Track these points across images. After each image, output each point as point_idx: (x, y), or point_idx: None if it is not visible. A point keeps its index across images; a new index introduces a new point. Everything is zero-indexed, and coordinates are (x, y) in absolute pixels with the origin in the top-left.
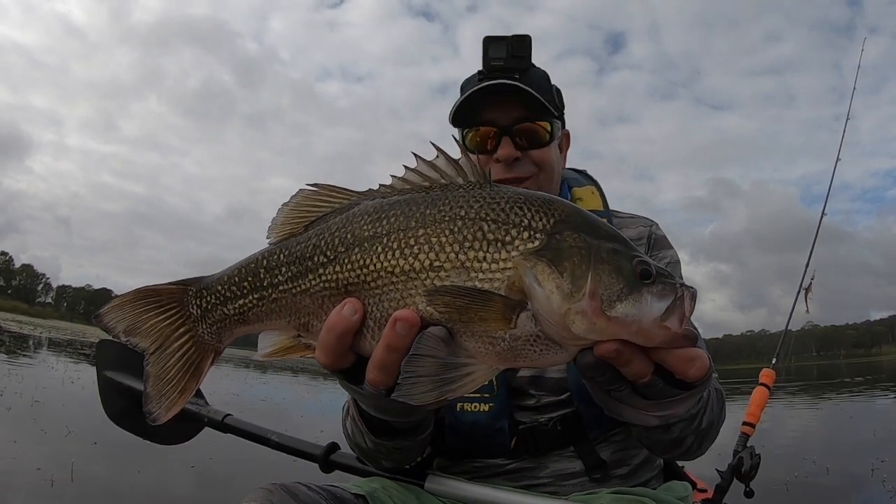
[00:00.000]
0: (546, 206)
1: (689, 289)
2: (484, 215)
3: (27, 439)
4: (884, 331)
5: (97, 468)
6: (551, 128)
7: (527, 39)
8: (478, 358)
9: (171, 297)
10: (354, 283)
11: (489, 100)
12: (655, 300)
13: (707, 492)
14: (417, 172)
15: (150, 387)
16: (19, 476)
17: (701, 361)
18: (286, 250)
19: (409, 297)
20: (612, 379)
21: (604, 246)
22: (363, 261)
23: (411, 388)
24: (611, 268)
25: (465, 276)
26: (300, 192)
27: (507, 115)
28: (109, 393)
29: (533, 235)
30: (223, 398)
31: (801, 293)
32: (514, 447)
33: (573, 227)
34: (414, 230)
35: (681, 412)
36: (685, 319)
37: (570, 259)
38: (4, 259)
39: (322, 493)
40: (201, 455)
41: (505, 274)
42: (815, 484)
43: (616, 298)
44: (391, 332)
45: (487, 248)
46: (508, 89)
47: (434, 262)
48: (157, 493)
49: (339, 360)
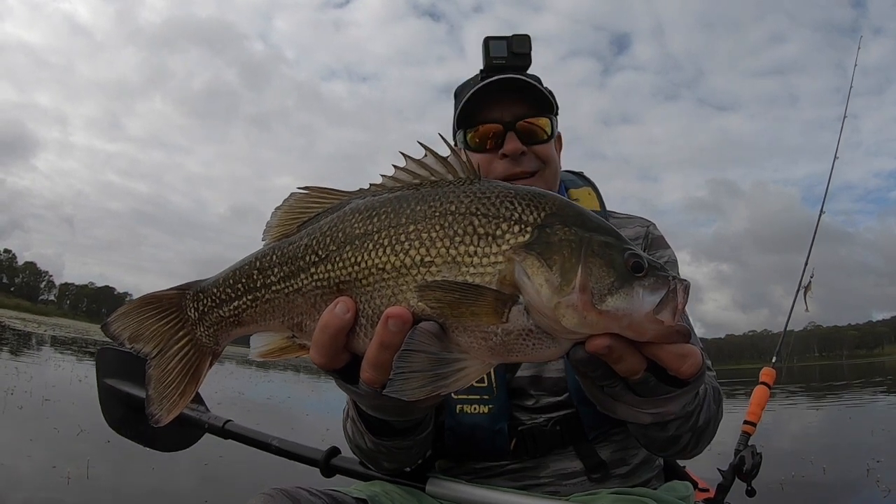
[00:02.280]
0: (537, 200)
1: (682, 282)
2: (474, 210)
3: (41, 438)
4: (886, 331)
5: (111, 466)
6: (550, 126)
7: (527, 38)
8: (470, 353)
9: (170, 303)
10: (346, 282)
11: (491, 98)
12: (647, 293)
13: (709, 491)
14: (407, 171)
15: (151, 390)
16: (36, 474)
17: (694, 358)
18: (278, 251)
19: (400, 294)
20: (605, 375)
21: (595, 239)
22: (354, 258)
23: (403, 383)
24: (602, 261)
25: (456, 271)
26: (292, 195)
27: (509, 112)
28: (110, 401)
29: (523, 229)
30: (228, 396)
31: (800, 292)
32: (514, 448)
33: (564, 221)
34: (404, 226)
35: (674, 410)
36: (678, 312)
37: (560, 252)
38: (8, 257)
39: (323, 497)
40: (211, 454)
41: (496, 268)
42: (811, 483)
43: (607, 292)
44: (384, 329)
45: (478, 243)
46: (513, 86)
47: (425, 258)
48: (170, 490)
49: (334, 360)
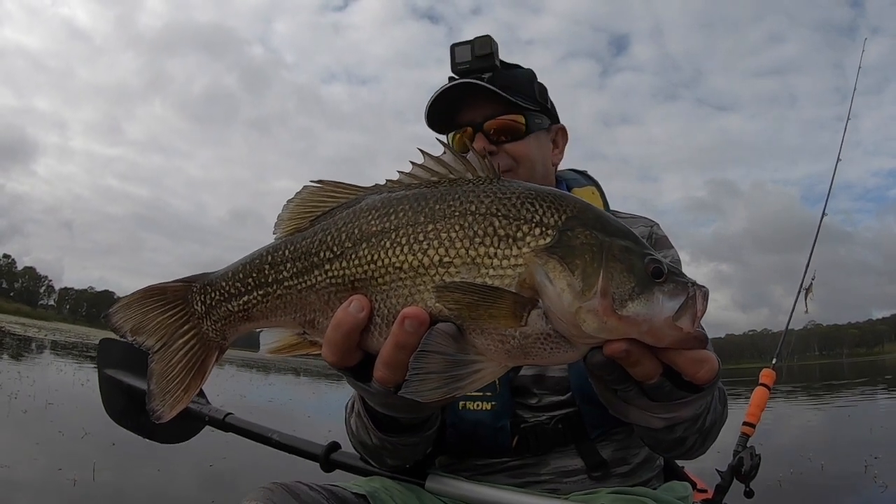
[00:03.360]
0: (558, 202)
1: (700, 288)
2: (495, 210)
3: (46, 441)
4: (886, 329)
5: (117, 468)
6: (526, 121)
7: (488, 39)
8: (487, 355)
9: (176, 295)
10: (361, 280)
11: (460, 103)
12: (667, 299)
13: (707, 492)
14: (425, 168)
15: (153, 384)
16: (42, 476)
17: (710, 364)
18: (291, 246)
19: (417, 294)
20: (620, 378)
21: (616, 243)
22: (371, 256)
23: (419, 384)
24: (623, 266)
25: (475, 273)
26: (305, 187)
27: (478, 113)
28: (110, 392)
29: (545, 231)
30: (230, 399)
31: (801, 294)
32: (516, 446)
33: (585, 224)
34: (423, 225)
35: (687, 415)
36: (697, 319)
37: (582, 256)
38: (7, 262)
39: (323, 492)
40: (216, 454)
41: (516, 270)
42: (809, 480)
43: (627, 297)
44: (399, 329)
45: (498, 244)
46: (471, 90)
47: (444, 258)
48: (176, 492)
49: (346, 358)
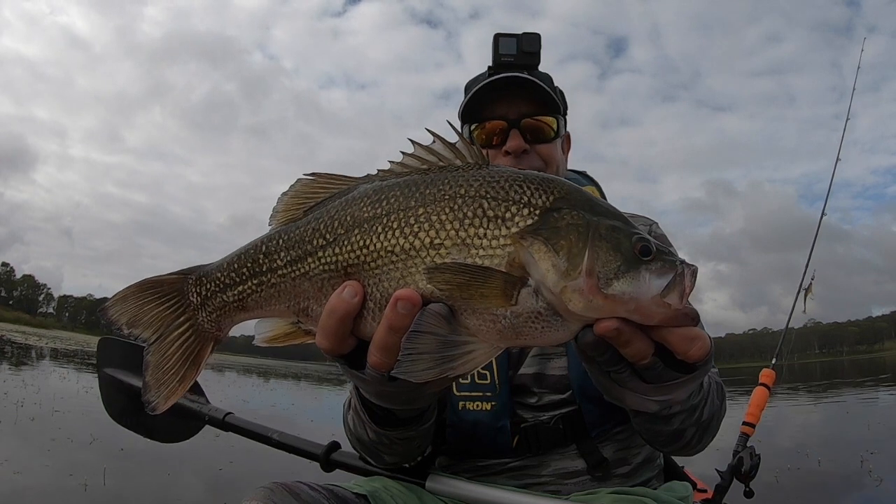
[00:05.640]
0: (546, 184)
1: (689, 266)
2: (483, 193)
3: (55, 447)
4: (886, 327)
5: (127, 473)
6: (556, 125)
7: (537, 37)
8: (479, 336)
9: (171, 287)
10: (354, 265)
11: (497, 95)
12: (655, 277)
13: (707, 492)
14: (415, 157)
15: (149, 376)
16: (54, 482)
17: (702, 341)
18: (285, 235)
19: (409, 277)
20: (613, 360)
21: (602, 223)
22: (363, 242)
23: (411, 364)
24: (609, 245)
25: (465, 253)
26: (299, 180)
27: (515, 110)
28: (110, 391)
29: (532, 212)
30: (233, 405)
31: (800, 293)
32: (516, 446)
33: (572, 205)
34: (414, 209)
35: (681, 397)
36: (685, 296)
37: (567, 237)
38: (6, 270)
39: (324, 492)
40: (223, 458)
41: (505, 250)
42: (806, 475)
43: (613, 276)
44: (392, 311)
45: (487, 225)
46: (518, 83)
47: (434, 240)
48: (185, 495)
49: (340, 345)
